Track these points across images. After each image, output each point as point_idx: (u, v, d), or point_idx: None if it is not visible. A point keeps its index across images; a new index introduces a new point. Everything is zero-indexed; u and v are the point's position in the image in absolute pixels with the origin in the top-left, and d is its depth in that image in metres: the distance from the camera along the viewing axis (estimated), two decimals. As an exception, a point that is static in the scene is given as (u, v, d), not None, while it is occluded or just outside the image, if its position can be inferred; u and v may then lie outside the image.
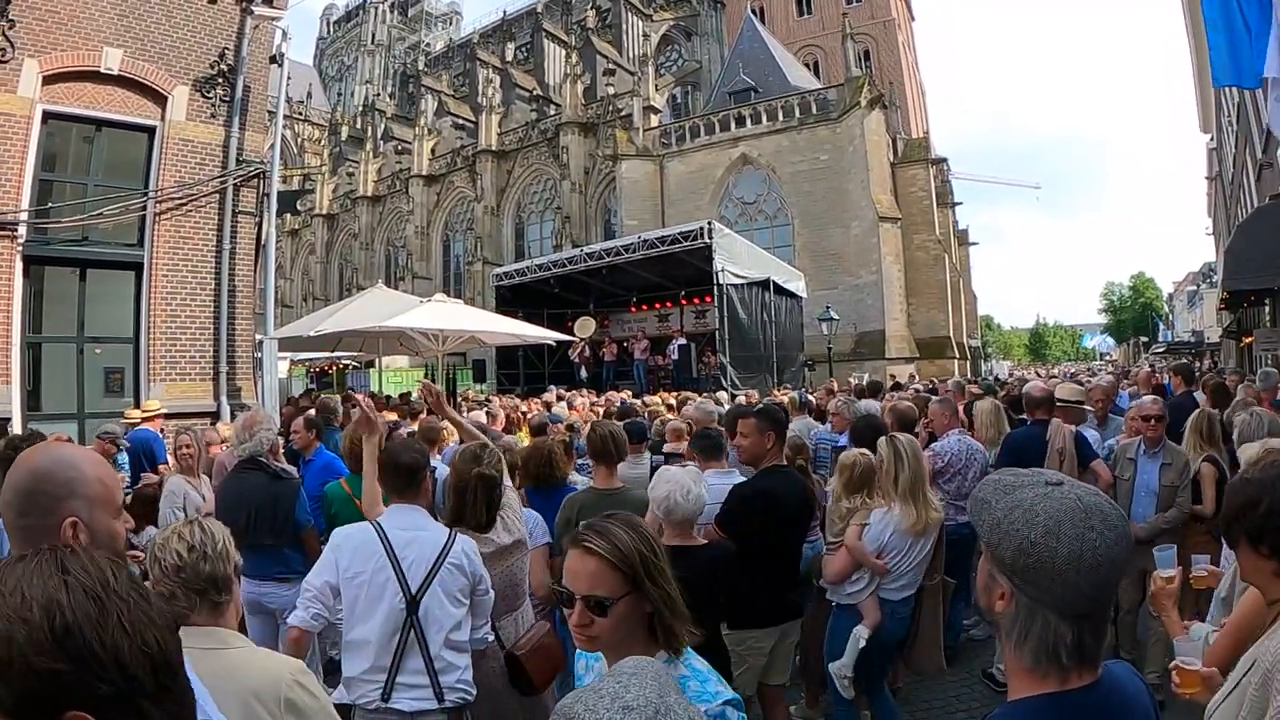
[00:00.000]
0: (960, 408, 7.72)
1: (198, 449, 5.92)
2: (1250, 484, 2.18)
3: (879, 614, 4.46)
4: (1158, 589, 2.96)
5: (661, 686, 1.19)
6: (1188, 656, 2.43)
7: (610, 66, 53.17)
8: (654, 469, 5.19)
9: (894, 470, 4.45)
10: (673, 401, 11.25)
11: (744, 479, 4.72)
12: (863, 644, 4.35)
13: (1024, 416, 7.39)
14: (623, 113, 44.82)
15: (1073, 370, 32.36)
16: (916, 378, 26.02)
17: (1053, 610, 1.32)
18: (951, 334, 39.51)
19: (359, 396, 4.76)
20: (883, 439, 4.67)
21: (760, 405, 6.55)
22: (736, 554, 3.65)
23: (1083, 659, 1.34)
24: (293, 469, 6.08)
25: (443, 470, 4.60)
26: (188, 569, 2.07)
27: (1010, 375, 30.39)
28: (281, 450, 6.45)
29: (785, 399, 10.87)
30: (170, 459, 7.00)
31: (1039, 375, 24.02)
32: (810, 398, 11.69)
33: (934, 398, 8.42)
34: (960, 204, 56.41)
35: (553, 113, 53.04)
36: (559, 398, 12.47)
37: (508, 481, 4.09)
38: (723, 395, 12.59)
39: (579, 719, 1.15)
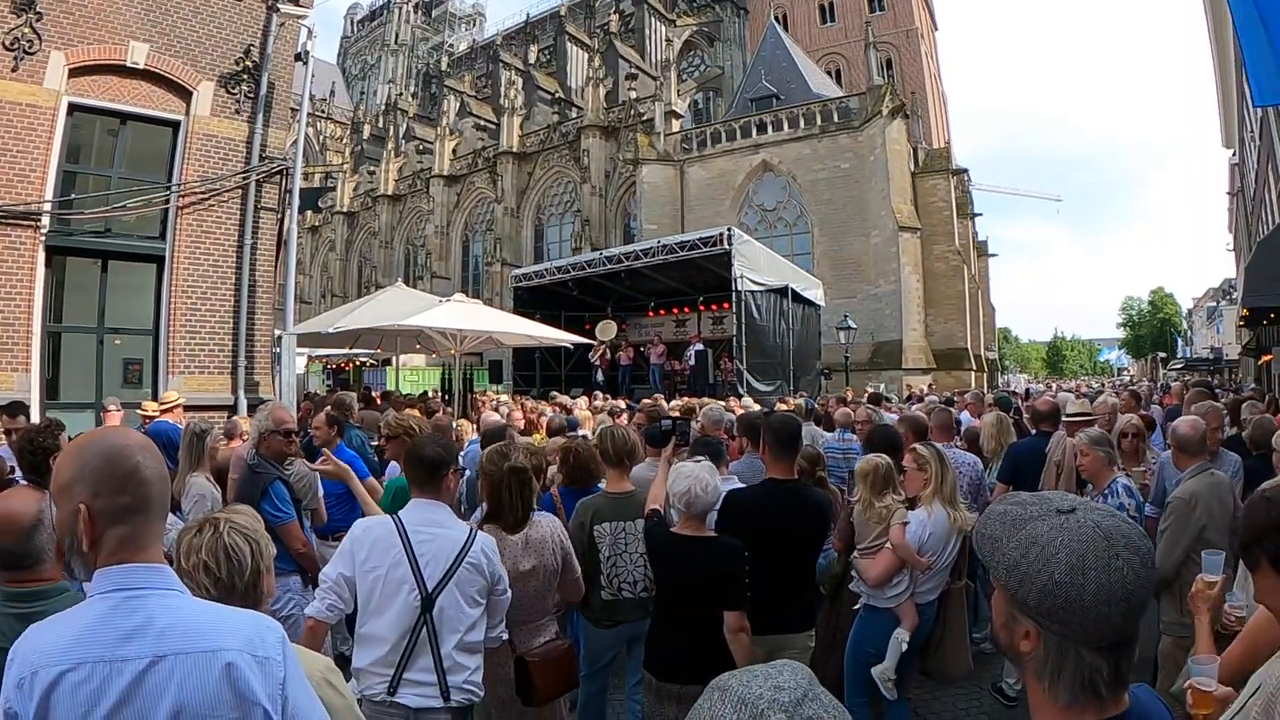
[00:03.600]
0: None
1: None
2: (1275, 504, 1.98)
3: (916, 617, 4.52)
4: (1197, 591, 2.83)
5: (811, 678, 1.20)
6: (1204, 678, 2.38)
7: (633, 71, 53.14)
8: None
9: (940, 473, 4.53)
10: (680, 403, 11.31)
11: (740, 485, 4.76)
12: (904, 647, 4.42)
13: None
14: (644, 117, 44.69)
15: (1089, 383, 31.95)
16: (930, 389, 25.81)
17: (1085, 646, 1.24)
18: (969, 345, 39.14)
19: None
20: (919, 444, 4.75)
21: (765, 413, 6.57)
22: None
23: (1120, 685, 1.27)
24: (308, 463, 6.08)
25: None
26: (223, 578, 2.09)
27: (1050, 389, 29.80)
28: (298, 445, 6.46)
29: (790, 407, 10.89)
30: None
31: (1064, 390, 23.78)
32: (816, 405, 11.69)
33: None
34: (980, 215, 56.06)
35: (574, 116, 53.11)
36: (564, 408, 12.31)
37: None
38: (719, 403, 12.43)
39: (732, 691, 1.16)
